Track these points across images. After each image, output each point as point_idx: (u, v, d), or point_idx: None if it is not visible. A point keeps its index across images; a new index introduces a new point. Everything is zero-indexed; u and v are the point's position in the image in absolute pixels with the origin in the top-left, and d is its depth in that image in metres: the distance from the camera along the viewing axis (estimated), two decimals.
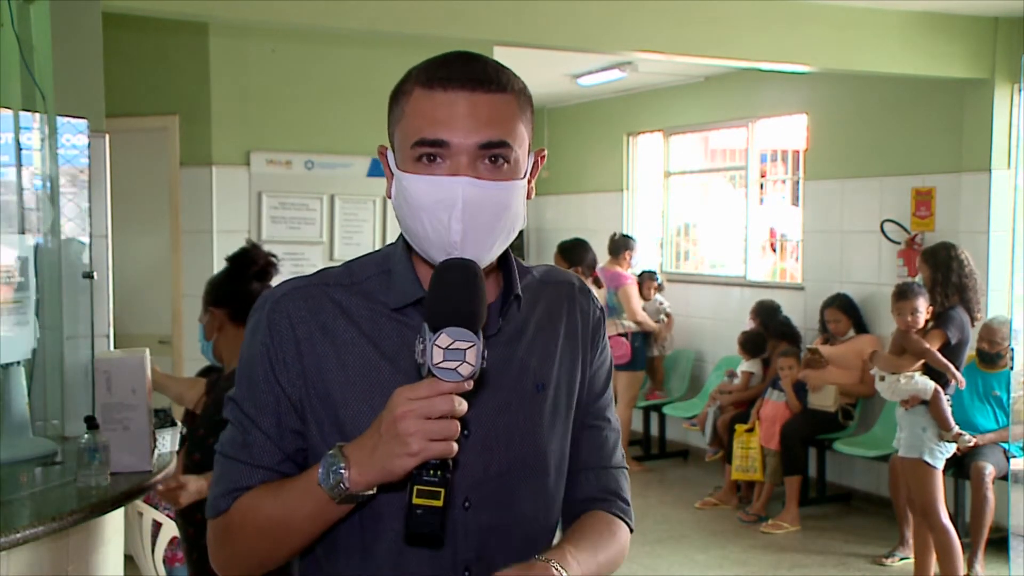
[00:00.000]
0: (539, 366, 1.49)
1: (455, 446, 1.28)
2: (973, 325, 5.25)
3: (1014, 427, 5.44)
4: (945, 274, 5.20)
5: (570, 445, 1.55)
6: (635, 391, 7.95)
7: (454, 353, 1.26)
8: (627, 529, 1.58)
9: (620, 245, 7.92)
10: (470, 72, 1.36)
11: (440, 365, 1.26)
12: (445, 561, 1.42)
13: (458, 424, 1.28)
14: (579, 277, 1.64)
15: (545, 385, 1.49)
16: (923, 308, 5.19)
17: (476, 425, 1.42)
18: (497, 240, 1.38)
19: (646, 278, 8.21)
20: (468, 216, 1.33)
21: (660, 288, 8.29)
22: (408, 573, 1.43)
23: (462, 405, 1.27)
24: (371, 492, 1.34)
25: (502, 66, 1.41)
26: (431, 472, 1.27)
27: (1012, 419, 5.42)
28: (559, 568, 1.35)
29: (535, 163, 1.45)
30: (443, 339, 1.26)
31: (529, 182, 1.44)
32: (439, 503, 1.27)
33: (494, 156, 1.35)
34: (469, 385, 1.28)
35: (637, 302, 7.77)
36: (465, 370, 1.26)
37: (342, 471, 1.31)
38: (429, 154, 1.35)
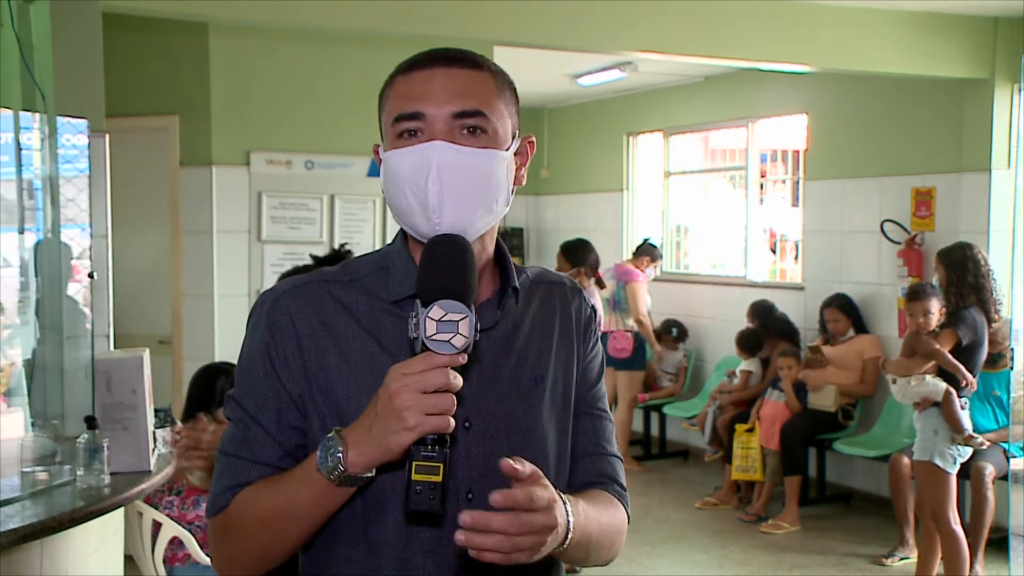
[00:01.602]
0: (536, 360, 1.51)
1: (452, 421, 1.27)
2: (991, 326, 5.14)
3: (1014, 427, 5.42)
4: (960, 274, 5.10)
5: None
6: (635, 391, 7.95)
7: (447, 325, 1.26)
8: (624, 511, 1.58)
9: (644, 252, 7.93)
10: (446, 52, 1.44)
11: (433, 337, 1.26)
12: (451, 553, 1.42)
13: (454, 399, 1.27)
14: (570, 277, 1.66)
15: (543, 378, 1.51)
16: (935, 309, 5.15)
17: (477, 417, 1.43)
18: (479, 208, 1.39)
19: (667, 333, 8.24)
20: (445, 178, 1.36)
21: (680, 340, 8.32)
22: (413, 566, 1.43)
23: (457, 379, 1.27)
24: (370, 475, 1.34)
25: (481, 55, 1.46)
26: (429, 447, 1.27)
27: (1012, 419, 5.40)
28: (566, 504, 1.34)
29: (524, 148, 1.48)
30: (435, 311, 1.26)
31: (519, 168, 1.47)
32: (438, 478, 1.27)
33: (471, 126, 1.39)
34: (463, 359, 1.28)
35: (643, 301, 7.78)
36: (459, 342, 1.26)
37: (339, 453, 1.31)
38: (409, 129, 1.39)
